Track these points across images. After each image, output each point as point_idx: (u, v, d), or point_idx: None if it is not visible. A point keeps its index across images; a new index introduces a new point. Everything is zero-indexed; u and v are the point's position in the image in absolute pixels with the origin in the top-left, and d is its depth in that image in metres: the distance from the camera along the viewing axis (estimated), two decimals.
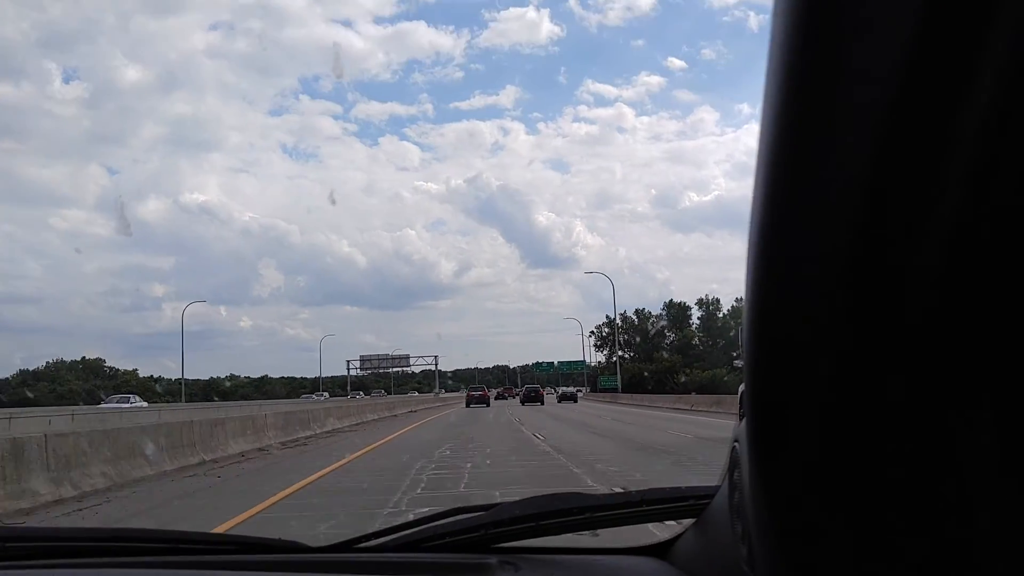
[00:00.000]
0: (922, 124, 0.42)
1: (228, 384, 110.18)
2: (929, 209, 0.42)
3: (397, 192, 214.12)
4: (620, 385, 65.36)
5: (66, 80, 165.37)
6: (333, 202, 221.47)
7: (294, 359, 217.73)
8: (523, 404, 50.94)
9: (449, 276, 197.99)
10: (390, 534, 1.31)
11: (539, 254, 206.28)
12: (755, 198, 0.51)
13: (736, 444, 0.77)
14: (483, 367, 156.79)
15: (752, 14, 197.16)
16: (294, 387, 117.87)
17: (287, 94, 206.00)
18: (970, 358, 0.44)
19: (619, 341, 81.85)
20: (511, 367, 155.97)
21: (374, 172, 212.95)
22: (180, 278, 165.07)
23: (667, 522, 1.31)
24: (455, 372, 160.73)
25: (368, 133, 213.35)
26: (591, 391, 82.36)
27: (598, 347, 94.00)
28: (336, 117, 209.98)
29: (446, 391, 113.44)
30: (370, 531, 1.33)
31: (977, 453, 0.44)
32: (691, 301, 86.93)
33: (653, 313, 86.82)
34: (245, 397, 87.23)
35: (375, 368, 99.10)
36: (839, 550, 0.49)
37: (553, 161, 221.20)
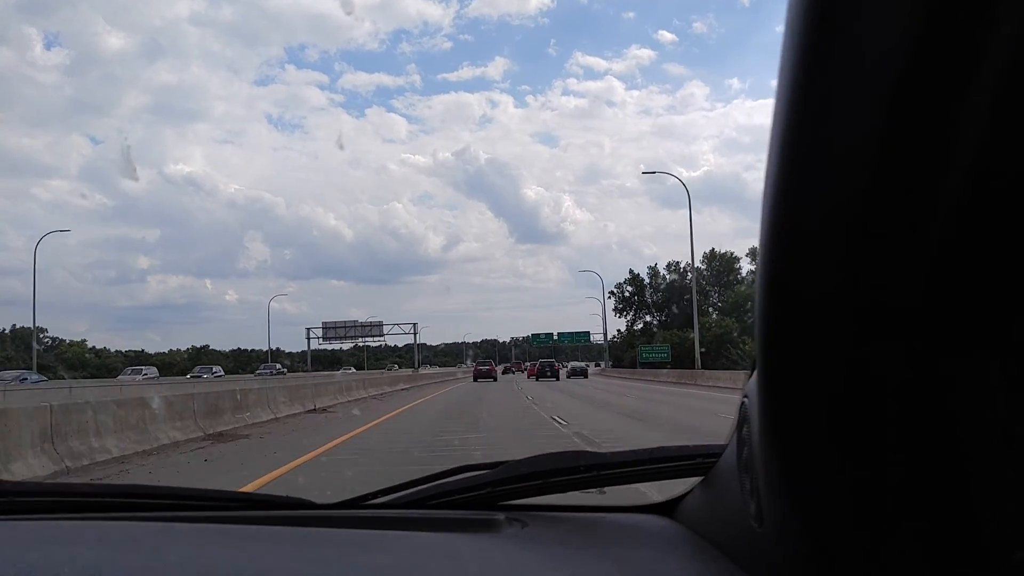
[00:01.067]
0: (932, 98, 0.42)
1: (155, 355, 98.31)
2: (937, 179, 0.42)
3: (384, 165, 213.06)
4: (670, 357, 56.35)
5: (47, 46, 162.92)
6: (341, 147, 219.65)
7: (279, 333, 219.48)
8: (537, 380, 48.54)
9: (437, 250, 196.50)
10: (398, 491, 1.31)
11: (528, 229, 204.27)
12: (770, 158, 0.51)
13: (745, 400, 0.76)
14: (471, 340, 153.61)
15: None
16: (243, 360, 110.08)
17: (273, 63, 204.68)
18: (980, 316, 0.44)
19: (647, 302, 75.08)
20: (500, 340, 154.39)
21: (360, 144, 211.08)
22: (165, 251, 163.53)
23: (675, 480, 1.31)
24: (446, 346, 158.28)
25: (355, 104, 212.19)
26: (613, 365, 75.35)
27: (620, 311, 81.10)
28: (322, 87, 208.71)
29: (433, 366, 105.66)
30: (378, 488, 1.34)
31: (986, 414, 0.45)
32: (738, 252, 72.92)
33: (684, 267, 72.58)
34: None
35: (342, 337, 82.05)
36: (850, 502, 0.50)
37: (542, 135, 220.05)
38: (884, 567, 0.49)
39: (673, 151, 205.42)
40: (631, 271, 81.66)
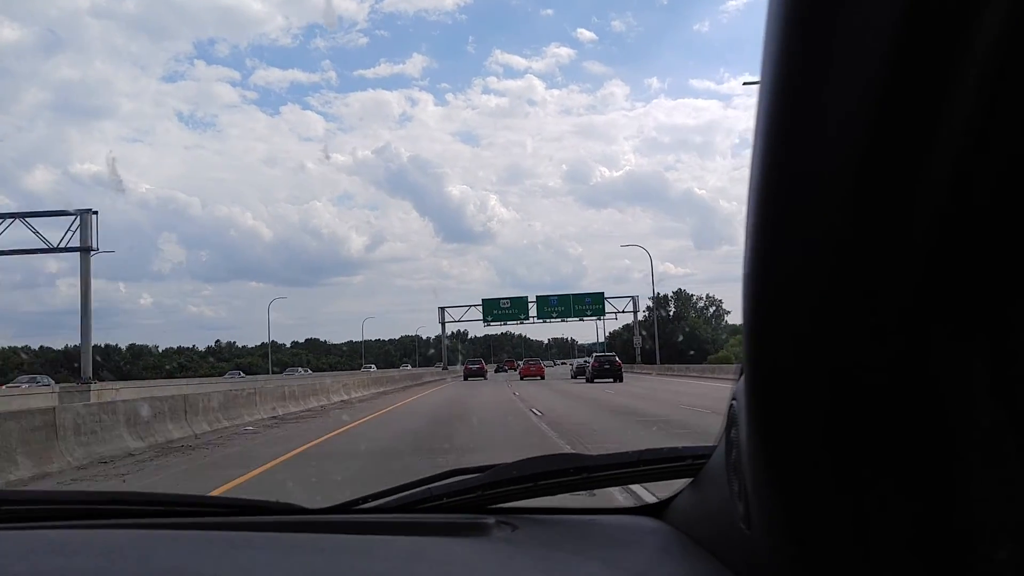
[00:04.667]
0: (915, 95, 0.42)
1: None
2: (924, 170, 0.43)
3: (301, 163, 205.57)
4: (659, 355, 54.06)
5: None
6: (327, 157, 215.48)
7: (195, 337, 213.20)
8: (523, 378, 43.78)
9: (360, 251, 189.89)
10: (388, 495, 1.31)
11: (454, 228, 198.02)
12: (754, 160, 0.51)
13: (734, 402, 0.76)
14: (389, 338, 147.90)
15: None
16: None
17: (181, 59, 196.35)
18: (967, 321, 0.44)
19: (652, 319, 70.08)
20: (424, 337, 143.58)
21: (276, 142, 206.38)
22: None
23: (664, 481, 1.31)
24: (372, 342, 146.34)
25: (269, 102, 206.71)
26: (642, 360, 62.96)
27: (647, 317, 77.30)
28: (234, 84, 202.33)
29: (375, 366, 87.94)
30: (367, 493, 1.33)
31: (973, 418, 0.45)
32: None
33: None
34: None
35: None
36: (836, 504, 0.50)
37: (463, 134, 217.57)
38: (870, 570, 0.49)
39: (595, 151, 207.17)
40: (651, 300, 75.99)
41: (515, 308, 67.90)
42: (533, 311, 67.29)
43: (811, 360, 0.49)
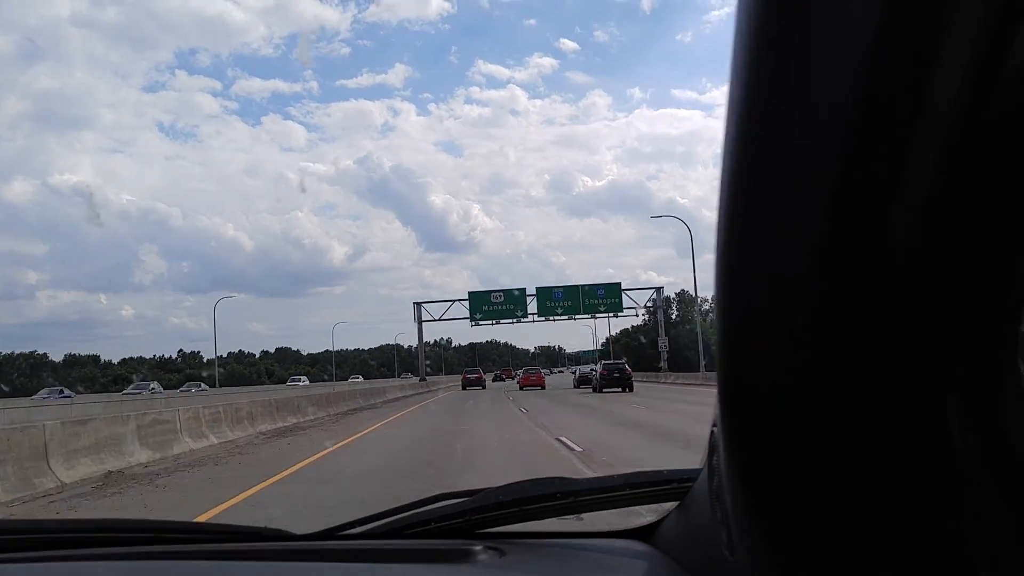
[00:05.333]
0: (891, 111, 0.42)
1: None
2: (898, 197, 0.43)
3: (282, 174, 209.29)
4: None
5: None
6: (303, 190, 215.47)
7: (182, 347, 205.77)
8: (521, 389, 41.18)
9: (342, 260, 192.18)
10: (375, 521, 1.31)
11: (437, 237, 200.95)
12: (723, 178, 0.51)
13: (715, 428, 0.76)
14: (373, 347, 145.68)
15: None
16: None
17: (163, 69, 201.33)
18: (942, 346, 0.44)
19: (655, 320, 63.52)
20: (404, 346, 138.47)
21: (257, 153, 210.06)
22: (55, 265, 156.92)
23: (651, 505, 1.31)
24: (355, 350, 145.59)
25: (250, 112, 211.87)
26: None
27: (647, 322, 71.42)
28: (216, 94, 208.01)
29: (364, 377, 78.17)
30: (354, 518, 1.33)
31: (954, 439, 0.45)
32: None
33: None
34: None
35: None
36: (815, 534, 0.50)
37: (446, 144, 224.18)
38: None
39: (577, 161, 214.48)
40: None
41: (509, 303, 55.77)
42: (532, 306, 55.71)
43: (787, 389, 0.49)
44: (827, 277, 0.46)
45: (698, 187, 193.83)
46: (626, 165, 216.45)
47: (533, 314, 56.38)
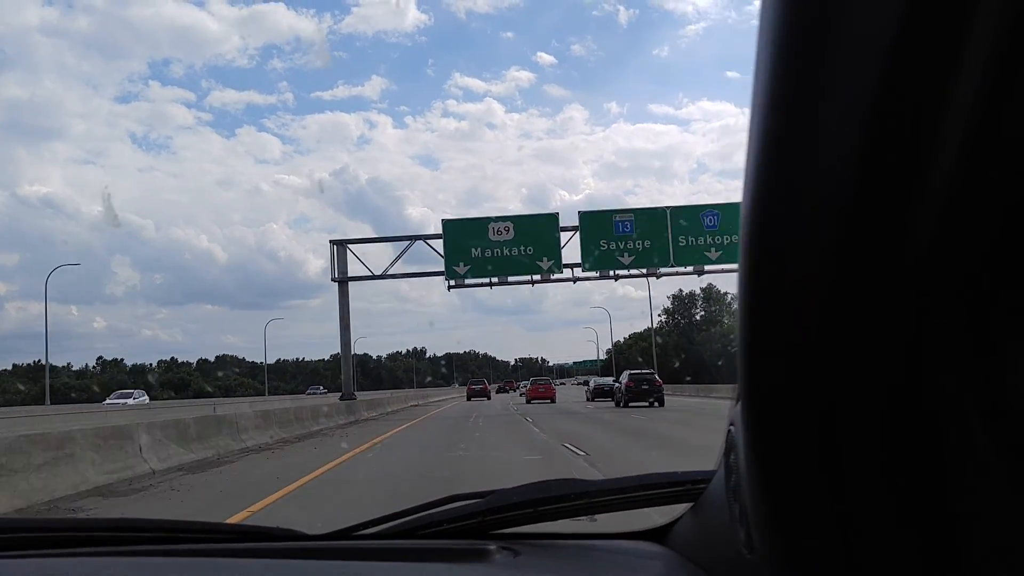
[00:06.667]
0: (911, 115, 0.42)
1: None
2: (916, 202, 0.43)
3: (257, 186, 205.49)
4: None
5: None
6: (322, 190, 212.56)
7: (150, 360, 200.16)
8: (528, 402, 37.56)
9: (318, 273, 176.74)
10: (388, 521, 1.31)
11: (413, 251, 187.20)
12: (747, 178, 0.51)
13: (732, 428, 0.76)
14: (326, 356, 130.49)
15: (622, 8, 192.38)
16: None
17: (135, 79, 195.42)
18: (957, 348, 0.45)
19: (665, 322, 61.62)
20: (374, 356, 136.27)
21: (231, 165, 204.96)
22: (25, 276, 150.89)
23: (666, 506, 1.30)
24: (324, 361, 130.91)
25: (224, 123, 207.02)
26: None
27: (666, 324, 68.29)
28: (189, 105, 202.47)
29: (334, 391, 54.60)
30: (368, 519, 1.33)
31: (968, 440, 0.45)
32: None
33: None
34: None
35: None
36: (835, 530, 0.50)
37: (423, 157, 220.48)
38: None
39: (555, 175, 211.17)
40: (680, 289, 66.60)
41: (524, 242, 28.81)
42: (574, 252, 29.30)
43: (808, 386, 0.49)
44: (846, 277, 0.46)
45: (674, 202, 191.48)
46: (603, 180, 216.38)
47: (573, 266, 29.76)
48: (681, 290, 68.70)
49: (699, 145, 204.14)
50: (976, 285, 0.44)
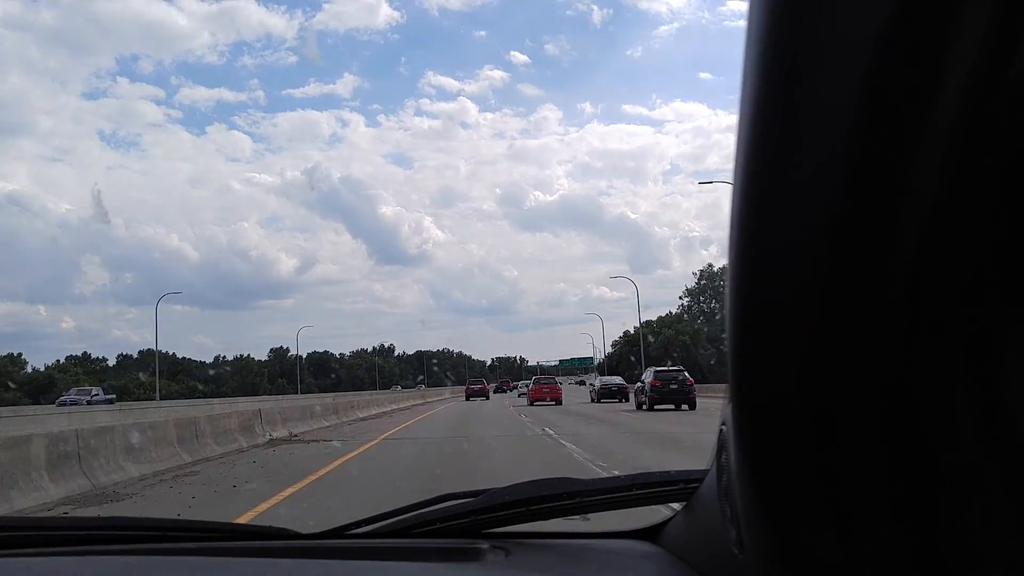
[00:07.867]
0: (898, 117, 0.42)
1: None
2: (905, 199, 0.43)
3: (227, 184, 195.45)
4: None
5: None
6: (312, 188, 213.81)
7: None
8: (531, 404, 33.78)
9: (291, 273, 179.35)
10: (381, 520, 1.31)
11: (389, 250, 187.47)
12: (736, 179, 0.51)
13: (723, 427, 0.77)
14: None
15: (596, 8, 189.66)
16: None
17: (103, 75, 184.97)
18: (947, 349, 0.45)
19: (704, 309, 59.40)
20: (335, 354, 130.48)
21: (201, 162, 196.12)
22: None
23: (658, 506, 1.31)
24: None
25: (194, 121, 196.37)
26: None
27: (691, 301, 64.64)
28: (159, 102, 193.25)
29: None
30: (360, 518, 1.33)
31: (959, 441, 0.45)
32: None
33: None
34: None
35: None
36: (826, 531, 0.50)
37: (396, 156, 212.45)
38: None
39: (528, 175, 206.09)
40: (709, 264, 63.11)
41: None
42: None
43: (798, 388, 0.49)
44: (837, 278, 0.46)
45: (648, 203, 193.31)
46: (577, 180, 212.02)
47: None
48: (711, 265, 62.85)
49: (672, 146, 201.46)
50: (969, 287, 0.43)
